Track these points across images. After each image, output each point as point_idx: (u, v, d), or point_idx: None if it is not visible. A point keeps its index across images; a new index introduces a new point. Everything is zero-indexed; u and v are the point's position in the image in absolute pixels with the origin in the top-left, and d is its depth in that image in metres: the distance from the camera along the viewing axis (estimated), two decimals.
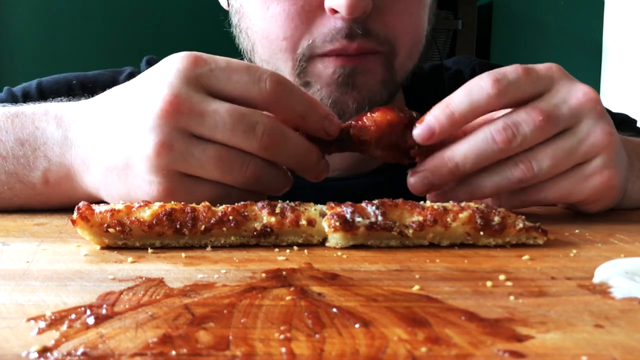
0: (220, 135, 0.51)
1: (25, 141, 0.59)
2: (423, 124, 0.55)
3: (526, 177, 0.55)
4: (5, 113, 0.61)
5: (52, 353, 0.27)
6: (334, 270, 0.41)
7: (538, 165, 0.55)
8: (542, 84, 0.56)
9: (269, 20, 0.68)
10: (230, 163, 0.52)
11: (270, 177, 0.54)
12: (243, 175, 0.52)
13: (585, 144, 0.56)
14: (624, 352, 0.28)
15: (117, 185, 0.55)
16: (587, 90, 0.56)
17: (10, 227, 0.54)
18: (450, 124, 0.54)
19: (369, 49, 0.66)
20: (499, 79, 0.54)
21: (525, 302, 0.35)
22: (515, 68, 0.55)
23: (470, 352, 0.28)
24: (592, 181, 0.57)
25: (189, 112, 0.51)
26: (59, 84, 0.87)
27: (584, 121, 0.56)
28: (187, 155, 0.51)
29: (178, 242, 0.47)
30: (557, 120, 0.55)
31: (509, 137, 0.53)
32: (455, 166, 0.55)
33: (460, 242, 0.48)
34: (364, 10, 0.64)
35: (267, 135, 0.51)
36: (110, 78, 0.89)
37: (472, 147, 0.54)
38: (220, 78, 0.52)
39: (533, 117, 0.54)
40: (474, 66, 0.93)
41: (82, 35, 2.33)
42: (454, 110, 0.54)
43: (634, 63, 2.45)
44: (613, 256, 0.45)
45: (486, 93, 0.54)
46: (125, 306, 0.33)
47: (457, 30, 2.35)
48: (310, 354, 0.28)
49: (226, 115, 0.51)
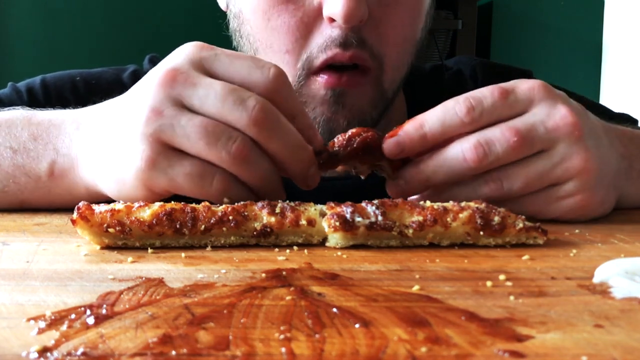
0: (210, 106, 0.50)
1: (39, 136, 0.60)
2: (393, 140, 0.55)
3: (495, 195, 0.55)
4: (22, 113, 0.63)
5: (52, 353, 0.27)
6: (334, 270, 0.41)
7: (509, 185, 0.55)
8: (519, 107, 0.55)
9: (270, 32, 0.69)
10: (216, 135, 0.50)
11: (256, 163, 0.52)
12: (228, 151, 0.50)
13: (560, 168, 0.55)
14: (624, 352, 0.28)
15: (110, 163, 0.55)
16: (565, 113, 0.55)
17: (10, 227, 0.54)
18: (421, 143, 0.55)
19: (361, 59, 0.67)
20: (473, 106, 0.54)
21: (525, 302, 0.35)
22: (492, 92, 0.55)
23: (470, 352, 0.28)
24: (564, 203, 0.57)
25: (183, 81, 0.51)
26: (62, 81, 0.87)
27: (560, 145, 0.55)
28: (175, 123, 0.51)
29: (178, 242, 0.47)
30: (532, 142, 0.54)
31: (480, 157, 0.53)
32: (426, 179, 0.55)
33: (460, 242, 0.48)
34: (361, 19, 0.65)
35: (259, 109, 0.50)
36: (113, 75, 0.89)
37: (442, 163, 0.55)
38: (223, 62, 0.53)
39: (507, 136, 0.53)
40: (475, 66, 0.92)
41: (82, 35, 2.33)
42: (426, 132, 0.54)
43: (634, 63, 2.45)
44: (613, 256, 0.45)
45: (459, 120, 0.54)
46: (125, 306, 0.33)
47: (457, 30, 2.35)
48: (310, 354, 0.28)
49: (219, 88, 0.51)
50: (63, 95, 0.83)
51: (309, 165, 0.55)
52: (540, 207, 0.57)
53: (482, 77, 0.90)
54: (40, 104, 0.71)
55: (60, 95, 0.83)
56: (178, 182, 0.51)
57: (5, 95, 0.83)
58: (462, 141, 0.54)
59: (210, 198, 0.52)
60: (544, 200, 0.56)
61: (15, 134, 0.61)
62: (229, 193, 0.52)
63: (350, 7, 0.63)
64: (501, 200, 0.55)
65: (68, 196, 0.59)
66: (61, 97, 0.82)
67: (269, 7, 0.68)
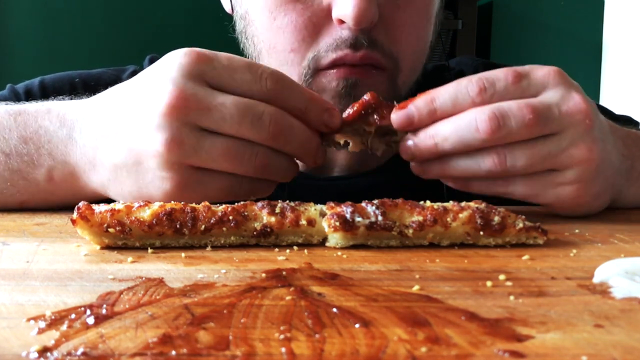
0: (229, 128, 0.52)
1: (29, 139, 0.59)
2: (403, 112, 0.55)
3: (496, 170, 0.55)
4: (8, 111, 0.62)
5: (52, 353, 0.27)
6: (334, 270, 0.41)
7: (512, 161, 0.54)
8: (532, 91, 0.55)
9: (275, 30, 0.68)
10: (240, 154, 0.53)
11: (278, 164, 0.55)
12: (253, 165, 0.53)
13: (565, 153, 0.55)
14: (624, 352, 0.28)
15: (127, 182, 0.55)
16: (580, 101, 0.55)
17: (10, 227, 0.54)
18: (430, 118, 0.55)
19: (373, 59, 0.66)
20: (486, 87, 0.54)
21: (525, 302, 0.35)
22: (506, 74, 0.55)
23: (470, 352, 0.28)
24: (561, 190, 0.57)
25: (196, 107, 0.52)
26: (61, 82, 0.86)
27: (570, 130, 0.55)
28: (198, 149, 0.52)
29: (178, 242, 0.47)
30: (546, 122, 0.54)
31: (493, 128, 0.53)
32: (434, 145, 0.55)
33: (460, 242, 0.48)
34: (371, 21, 0.64)
35: (274, 124, 0.53)
36: (113, 76, 0.89)
37: (454, 131, 0.54)
38: (223, 76, 0.53)
39: (523, 113, 0.53)
40: (477, 66, 0.92)
41: (82, 35, 2.33)
42: (436, 107, 0.55)
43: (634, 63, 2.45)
44: (613, 256, 0.45)
45: (470, 99, 0.54)
46: (125, 306, 0.33)
47: (457, 30, 2.35)
48: (310, 354, 0.28)
49: (233, 108, 0.52)
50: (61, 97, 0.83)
51: (317, 150, 0.57)
52: (535, 191, 0.57)
53: None
54: None
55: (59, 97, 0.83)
56: (210, 196, 0.53)
57: (3, 96, 0.83)
58: (477, 111, 0.53)
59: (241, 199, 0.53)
60: (542, 184, 0.56)
61: (4, 137, 0.60)
62: (255, 192, 0.56)
63: (361, 8, 0.62)
64: (499, 177, 0.55)
65: (72, 199, 0.59)
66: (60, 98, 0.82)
67: (276, 6, 0.67)
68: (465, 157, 0.55)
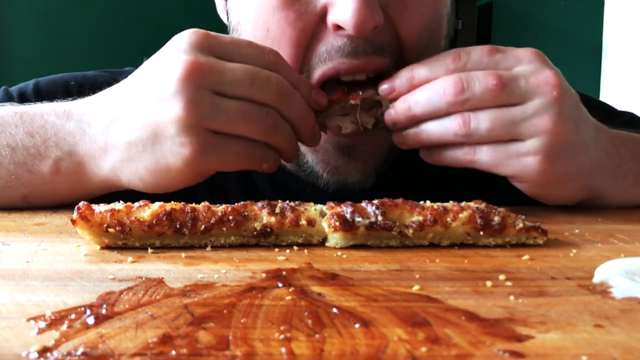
0: (241, 89, 0.55)
1: (36, 133, 0.60)
2: (387, 81, 0.60)
3: (461, 133, 0.57)
4: (13, 109, 0.63)
5: (52, 353, 0.27)
6: (334, 270, 0.41)
7: (476, 123, 0.57)
8: (504, 64, 0.58)
9: (270, 44, 0.62)
10: (253, 114, 0.55)
11: (283, 129, 0.57)
12: (265, 126, 0.56)
13: (528, 122, 0.56)
14: (624, 352, 0.28)
15: (143, 157, 0.56)
16: (550, 75, 0.57)
17: (10, 227, 0.54)
18: (409, 86, 0.60)
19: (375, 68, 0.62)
20: (460, 56, 0.59)
21: (525, 302, 0.35)
22: (483, 47, 0.59)
23: (470, 352, 0.28)
24: (524, 160, 0.57)
25: (210, 71, 0.54)
26: (56, 85, 0.86)
27: (535, 100, 0.56)
28: (215, 110, 0.54)
29: (178, 242, 0.47)
30: (511, 91, 0.56)
31: (457, 91, 0.56)
32: (408, 108, 0.59)
33: (460, 242, 0.48)
34: (375, 25, 0.58)
35: (280, 85, 0.56)
36: (109, 79, 0.88)
37: (424, 94, 0.58)
38: (230, 49, 0.56)
39: (488, 79, 0.56)
40: None
41: (82, 36, 2.33)
42: (414, 74, 0.60)
43: (634, 63, 2.45)
44: (613, 256, 0.45)
45: (444, 66, 0.59)
46: (125, 306, 0.33)
47: (457, 30, 2.35)
48: (310, 354, 0.28)
49: (244, 72, 0.55)
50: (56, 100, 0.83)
51: (313, 124, 0.60)
52: (498, 160, 0.58)
53: None
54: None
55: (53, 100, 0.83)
56: (228, 161, 0.57)
57: None
58: (446, 77, 0.58)
59: (254, 167, 0.59)
60: (504, 153, 0.58)
61: (10, 132, 0.61)
62: (266, 159, 0.58)
63: (362, 14, 0.56)
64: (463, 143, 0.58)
65: (77, 191, 0.60)
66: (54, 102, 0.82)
67: (269, 16, 0.62)
68: (435, 121, 0.59)
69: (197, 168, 0.56)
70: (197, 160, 0.55)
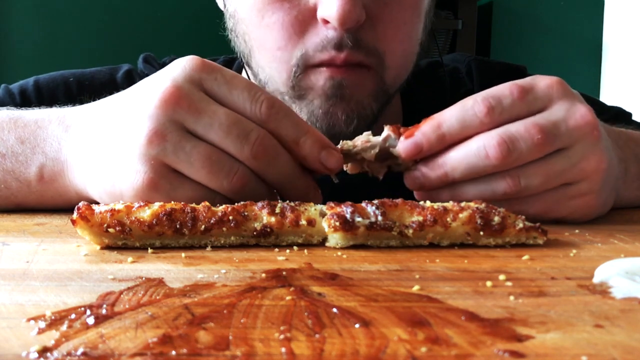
0: (214, 135, 0.51)
1: (26, 139, 0.59)
2: (411, 141, 0.54)
3: (511, 192, 0.54)
4: (8, 115, 0.62)
5: (52, 353, 0.27)
6: (334, 270, 0.41)
7: (526, 182, 0.54)
8: (538, 105, 0.55)
9: (264, 29, 0.69)
10: (219, 164, 0.51)
11: (255, 191, 0.53)
12: (229, 181, 0.51)
13: (577, 167, 0.55)
14: (624, 352, 0.28)
15: (104, 175, 0.54)
16: (585, 113, 0.55)
17: (10, 227, 0.54)
18: (439, 144, 0.54)
19: (356, 60, 0.66)
20: (493, 106, 0.53)
21: (525, 302, 0.35)
22: (511, 90, 0.54)
23: (470, 352, 0.28)
24: (573, 202, 0.56)
25: (187, 106, 0.51)
26: (55, 82, 0.86)
27: (580, 144, 0.54)
28: (178, 148, 0.51)
29: (178, 242, 0.47)
30: (555, 139, 0.53)
31: (504, 154, 0.52)
32: (444, 174, 0.54)
33: (460, 242, 0.48)
34: (357, 21, 0.64)
35: (259, 143, 0.51)
36: (107, 75, 0.89)
37: (463, 159, 0.53)
38: (221, 88, 0.52)
39: (532, 134, 0.52)
40: (469, 62, 0.93)
41: (82, 35, 2.33)
42: (444, 132, 0.54)
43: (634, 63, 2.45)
44: (613, 256, 0.45)
45: (478, 120, 0.53)
46: (125, 306, 0.33)
47: (457, 30, 2.35)
48: (310, 354, 0.28)
49: (223, 117, 0.51)
50: (56, 97, 0.83)
51: (306, 192, 0.55)
52: (549, 206, 0.56)
53: (477, 74, 0.90)
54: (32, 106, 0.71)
55: (53, 97, 0.83)
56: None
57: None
58: (484, 137, 0.53)
59: None
60: (555, 199, 0.56)
61: (2, 138, 0.60)
62: None
63: (346, 9, 0.62)
64: (513, 199, 0.54)
65: (60, 200, 0.59)
66: (54, 98, 0.82)
67: (264, 4, 0.68)
68: (477, 183, 0.54)
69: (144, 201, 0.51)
70: (146, 193, 0.51)
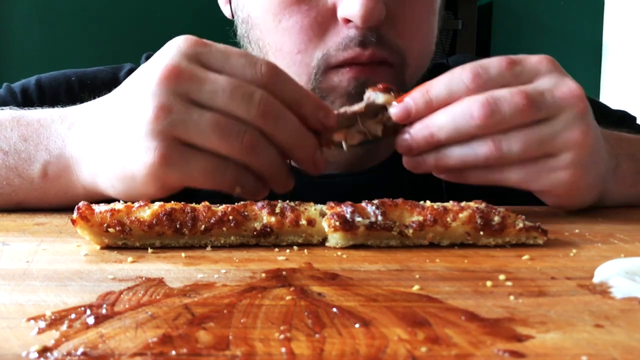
0: (219, 101, 0.51)
1: (29, 137, 0.60)
2: (401, 105, 0.56)
3: (493, 157, 0.55)
4: (11, 114, 0.63)
5: (52, 353, 0.27)
6: (334, 270, 0.41)
7: (508, 147, 0.55)
8: (525, 77, 0.56)
9: (281, 33, 0.68)
10: (228, 129, 0.51)
11: (265, 152, 0.53)
12: (240, 144, 0.52)
13: (560, 137, 0.55)
14: (624, 352, 0.28)
15: (113, 163, 0.55)
16: (573, 86, 0.56)
17: (10, 227, 0.54)
18: (427, 109, 0.56)
19: (381, 57, 0.66)
20: (480, 73, 0.55)
21: (525, 302, 0.35)
22: (500, 61, 0.56)
23: (470, 352, 0.28)
24: (555, 175, 0.56)
25: (189, 78, 0.52)
26: (57, 81, 0.86)
27: (564, 114, 0.55)
28: (186, 119, 0.51)
29: (178, 242, 0.47)
30: (540, 107, 0.55)
31: (487, 114, 0.53)
32: (430, 135, 0.55)
33: (460, 242, 0.48)
34: (379, 19, 0.63)
35: (264, 103, 0.52)
36: (110, 74, 0.89)
37: (449, 119, 0.54)
38: (218, 58, 0.53)
39: (517, 99, 0.54)
40: None
41: (82, 35, 2.33)
42: (432, 97, 0.55)
43: (634, 63, 2.45)
44: (613, 256, 0.45)
45: (465, 86, 0.55)
46: (125, 306, 0.33)
47: (457, 30, 2.35)
48: (310, 354, 0.28)
49: (225, 83, 0.52)
50: (58, 96, 0.83)
51: (313, 150, 0.56)
52: (530, 176, 0.57)
53: None
54: (34, 105, 0.71)
55: (55, 96, 0.83)
56: (193, 176, 0.52)
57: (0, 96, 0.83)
58: (471, 99, 0.54)
59: (224, 189, 0.53)
60: (537, 169, 0.56)
61: (5, 135, 0.60)
62: (241, 182, 0.54)
63: (369, 7, 0.62)
64: (495, 166, 0.56)
65: (64, 197, 0.59)
66: (56, 97, 0.82)
67: (280, 8, 0.67)
68: (460, 145, 0.56)
69: (161, 179, 0.53)
70: (159, 170, 0.52)
